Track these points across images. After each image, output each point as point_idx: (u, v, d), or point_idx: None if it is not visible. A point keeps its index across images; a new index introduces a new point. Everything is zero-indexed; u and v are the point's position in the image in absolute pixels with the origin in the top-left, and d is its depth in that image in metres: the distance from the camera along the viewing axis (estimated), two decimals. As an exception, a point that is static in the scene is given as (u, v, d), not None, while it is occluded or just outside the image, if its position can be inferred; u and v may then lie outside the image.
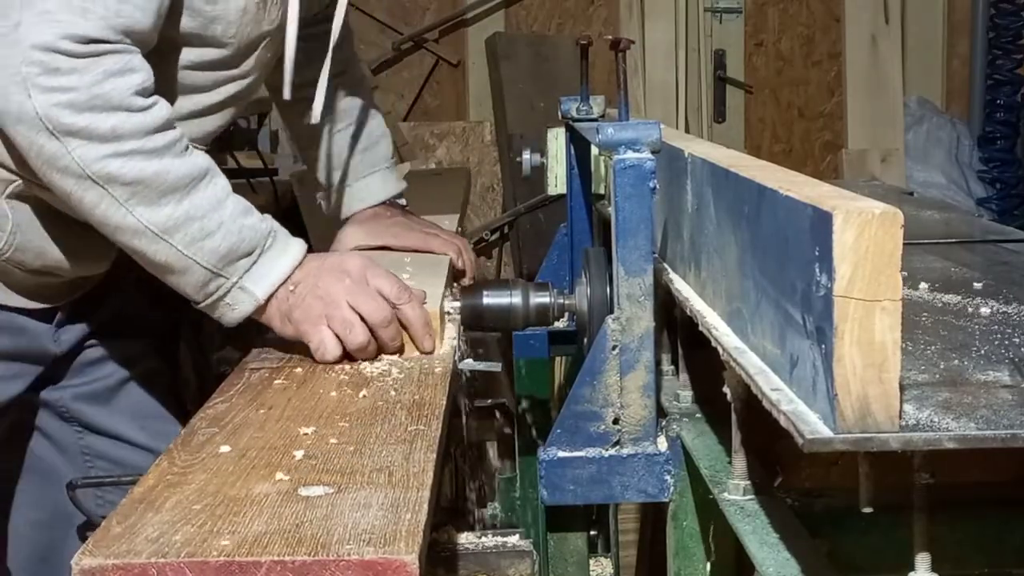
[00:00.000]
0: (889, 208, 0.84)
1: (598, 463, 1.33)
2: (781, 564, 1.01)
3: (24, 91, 1.36)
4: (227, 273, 1.46)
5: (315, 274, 1.51)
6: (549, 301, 1.59)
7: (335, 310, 1.48)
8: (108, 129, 1.38)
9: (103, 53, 1.38)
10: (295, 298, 1.50)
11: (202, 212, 1.44)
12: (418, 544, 0.96)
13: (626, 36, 1.88)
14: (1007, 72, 4.97)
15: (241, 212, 1.47)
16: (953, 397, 0.94)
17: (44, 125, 1.36)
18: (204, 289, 1.47)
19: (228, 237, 1.45)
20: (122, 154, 1.39)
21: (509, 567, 1.41)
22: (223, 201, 1.46)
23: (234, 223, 1.46)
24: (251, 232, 1.47)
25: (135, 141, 1.40)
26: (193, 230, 1.44)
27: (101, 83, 1.38)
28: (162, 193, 1.42)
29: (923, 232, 1.79)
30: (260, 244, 1.48)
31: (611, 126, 1.29)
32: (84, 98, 1.37)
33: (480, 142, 4.80)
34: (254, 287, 1.48)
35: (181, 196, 1.43)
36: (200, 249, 1.44)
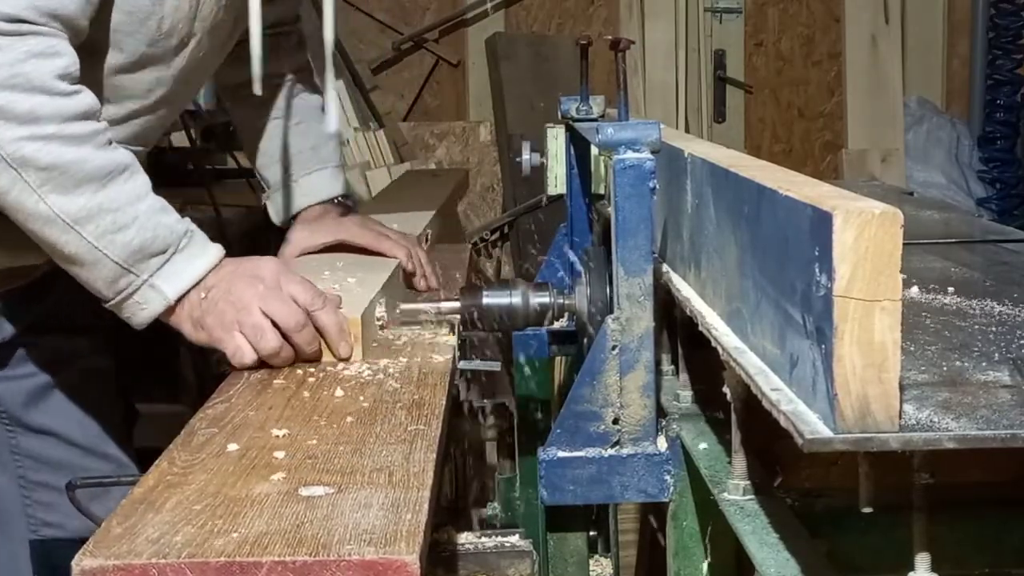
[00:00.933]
0: (889, 208, 0.84)
1: (598, 463, 1.33)
2: (781, 564, 1.02)
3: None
4: (138, 270, 1.43)
5: (228, 279, 1.48)
6: (549, 301, 1.59)
7: (247, 316, 1.45)
8: (26, 110, 1.35)
9: (27, 33, 1.35)
10: (208, 303, 1.47)
11: (117, 205, 1.41)
12: (419, 544, 0.96)
13: (626, 36, 1.88)
14: (1007, 72, 4.97)
15: (158, 210, 1.45)
16: (953, 397, 0.94)
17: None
18: (114, 285, 1.44)
19: (142, 232, 1.42)
20: (39, 137, 1.37)
21: (509, 567, 1.41)
22: (141, 197, 1.44)
23: (149, 219, 1.43)
24: (166, 230, 1.44)
25: (54, 125, 1.37)
26: (106, 222, 1.41)
27: (23, 63, 1.35)
28: (78, 182, 1.39)
29: (923, 232, 1.79)
30: (175, 243, 1.45)
31: (611, 126, 1.29)
32: (3, 76, 1.34)
33: (480, 142, 4.80)
34: (164, 286, 1.45)
35: (97, 187, 1.40)
36: (112, 242, 1.41)
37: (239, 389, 1.41)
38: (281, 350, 1.46)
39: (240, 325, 1.45)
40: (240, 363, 1.45)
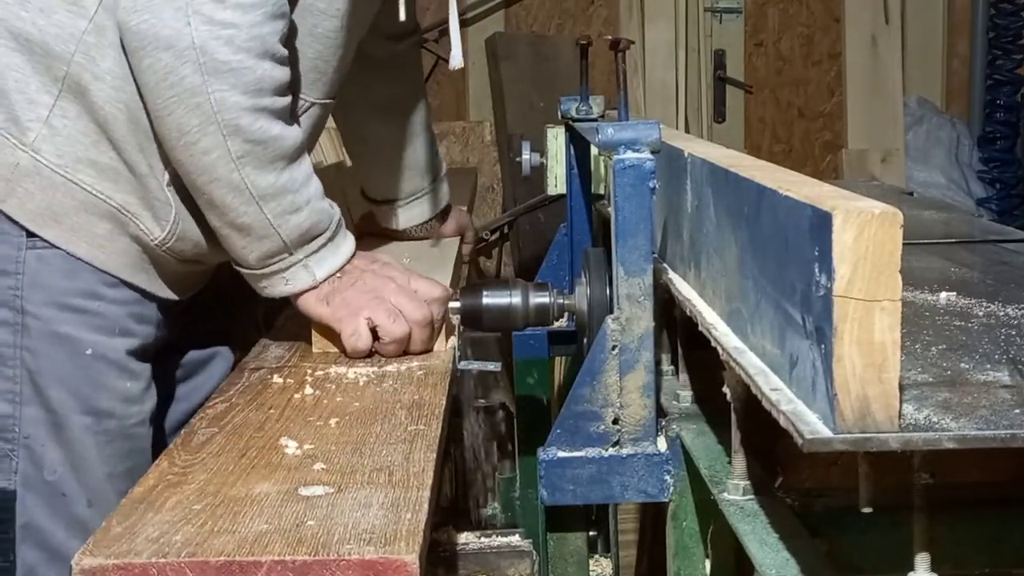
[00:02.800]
0: (889, 208, 0.84)
1: (598, 463, 1.33)
2: (781, 564, 1.02)
3: (184, 18, 1.31)
4: (298, 251, 1.45)
5: (361, 269, 1.51)
6: (549, 301, 1.59)
7: (378, 304, 1.48)
8: (256, 79, 1.34)
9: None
10: (340, 284, 1.49)
11: (296, 186, 1.43)
12: (418, 544, 0.96)
13: (626, 36, 1.89)
14: (1007, 72, 4.97)
15: (318, 194, 1.47)
16: (953, 397, 0.94)
17: (196, 57, 1.31)
18: (269, 259, 1.46)
19: (311, 216, 1.44)
20: (257, 109, 1.36)
21: (509, 567, 1.41)
22: (310, 178, 1.46)
23: (316, 203, 1.45)
24: (326, 216, 1.47)
25: (270, 97, 1.37)
26: (286, 202, 1.42)
27: (261, 24, 1.34)
28: (273, 159, 1.40)
29: (923, 232, 1.79)
30: (331, 229, 1.48)
31: (611, 126, 1.29)
32: (244, 37, 1.32)
33: (480, 142, 4.80)
34: (317, 268, 1.47)
35: (285, 165, 1.41)
36: (286, 222, 1.43)
37: (239, 389, 1.41)
38: (404, 339, 1.49)
39: (371, 311, 1.47)
40: (354, 347, 1.48)
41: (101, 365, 1.48)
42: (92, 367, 1.47)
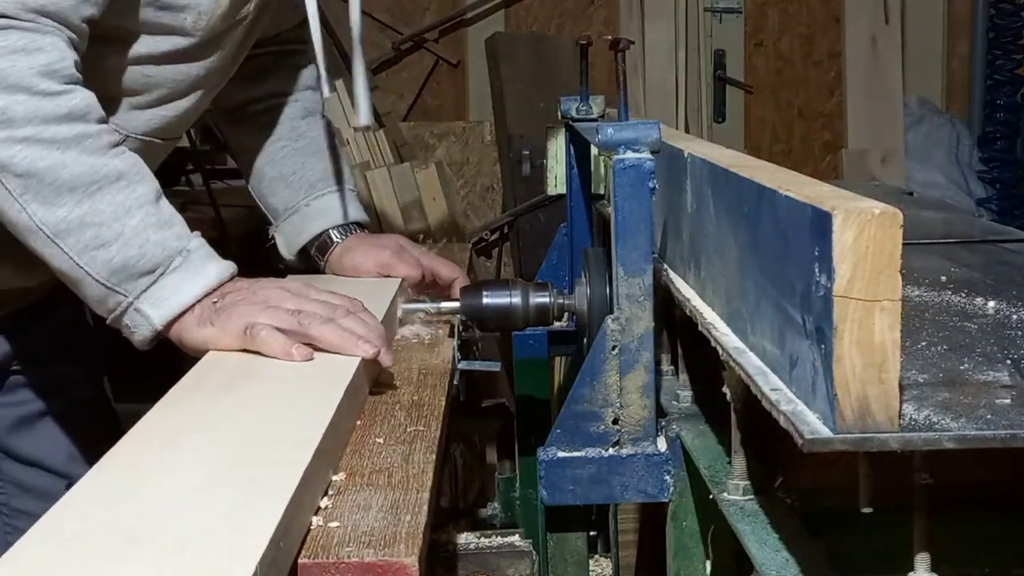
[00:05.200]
0: (889, 208, 0.84)
1: (598, 463, 1.33)
2: (781, 564, 1.01)
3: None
4: (124, 290, 1.34)
5: (249, 285, 1.39)
6: (549, 301, 1.59)
7: (275, 310, 1.35)
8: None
9: (6, 28, 1.27)
10: (224, 305, 1.36)
11: (101, 219, 1.31)
12: (418, 546, 0.96)
13: (626, 36, 1.88)
14: (1007, 72, 4.97)
15: (153, 225, 1.34)
16: (953, 397, 0.94)
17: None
18: (103, 305, 1.36)
19: (125, 250, 1.32)
20: (15, 140, 1.27)
21: (509, 567, 1.40)
22: (132, 210, 1.33)
23: (137, 236, 1.33)
24: (156, 248, 1.34)
25: (31, 127, 1.28)
26: (87, 237, 1.31)
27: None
28: (58, 191, 1.30)
29: (923, 232, 1.78)
30: (164, 263, 1.34)
31: (611, 126, 1.29)
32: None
33: (480, 142, 4.80)
34: (151, 311, 1.35)
35: (80, 198, 1.30)
36: (92, 259, 1.32)
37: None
38: (322, 335, 1.34)
39: (266, 318, 1.34)
40: (270, 344, 1.33)
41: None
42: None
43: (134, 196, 1.34)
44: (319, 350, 1.34)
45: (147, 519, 0.90)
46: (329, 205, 1.81)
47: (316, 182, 1.81)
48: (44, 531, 0.88)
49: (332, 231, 1.80)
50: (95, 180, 1.32)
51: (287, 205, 1.82)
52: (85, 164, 1.32)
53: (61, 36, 1.32)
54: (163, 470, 1.01)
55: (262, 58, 1.79)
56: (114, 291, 1.34)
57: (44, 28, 1.31)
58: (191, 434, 1.11)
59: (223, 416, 1.16)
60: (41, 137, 1.29)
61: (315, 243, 1.81)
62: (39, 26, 1.30)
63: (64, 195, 1.31)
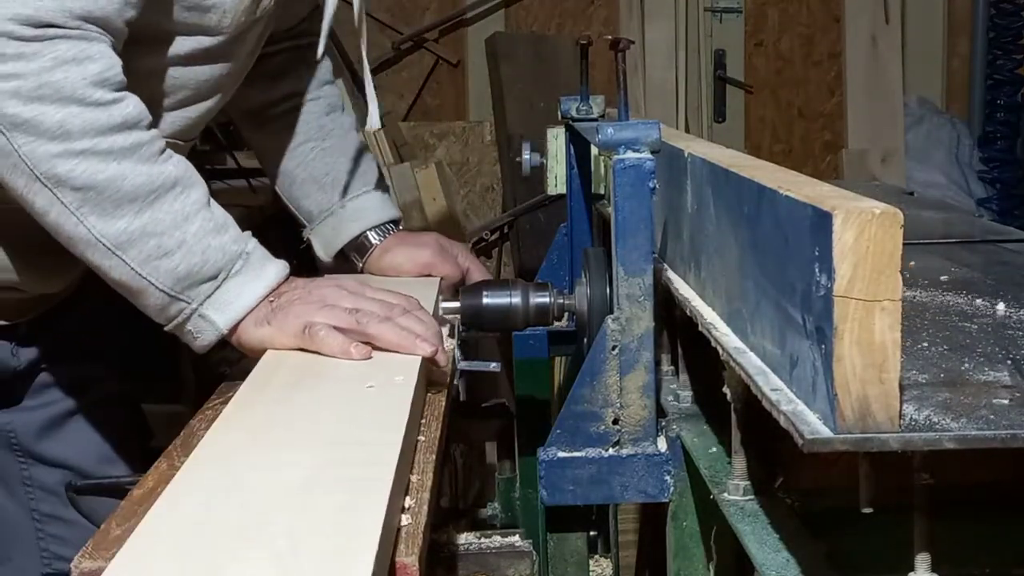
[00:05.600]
0: (889, 208, 0.84)
1: (598, 463, 1.33)
2: (781, 564, 1.01)
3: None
4: (187, 297, 1.33)
5: (305, 285, 1.39)
6: (549, 301, 1.59)
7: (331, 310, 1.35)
8: (55, 124, 1.25)
9: (55, 38, 1.24)
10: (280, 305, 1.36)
11: (162, 228, 1.30)
12: (418, 546, 0.96)
13: (626, 36, 1.88)
14: (1007, 72, 4.97)
15: (211, 230, 1.34)
16: (953, 397, 0.94)
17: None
18: (164, 313, 1.35)
19: (188, 257, 1.32)
20: (73, 154, 1.26)
21: (509, 567, 1.40)
22: (190, 217, 1.32)
23: (199, 242, 1.32)
24: (217, 253, 1.34)
25: (88, 139, 1.27)
26: (149, 247, 1.30)
27: (51, 71, 1.24)
28: (117, 203, 1.28)
29: (923, 232, 1.78)
30: (226, 267, 1.34)
31: (611, 126, 1.29)
32: (31, 86, 1.23)
33: (480, 142, 4.80)
34: (216, 315, 1.35)
35: (140, 208, 1.29)
36: (156, 269, 1.31)
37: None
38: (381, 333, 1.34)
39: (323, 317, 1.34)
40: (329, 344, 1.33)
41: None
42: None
43: (190, 202, 1.33)
44: (377, 349, 1.35)
45: (254, 518, 0.90)
46: (365, 206, 1.80)
47: (350, 183, 1.80)
48: (151, 530, 0.88)
49: (370, 232, 1.80)
50: (153, 189, 1.31)
51: (321, 208, 1.80)
52: (143, 173, 1.30)
53: (107, 42, 1.31)
54: (257, 469, 1.01)
55: (278, 56, 1.77)
56: (177, 299, 1.34)
57: (91, 35, 1.28)
58: (274, 433, 1.11)
59: (300, 416, 1.16)
60: (98, 149, 1.28)
61: (353, 245, 1.81)
62: (86, 33, 1.28)
63: (124, 206, 1.29)
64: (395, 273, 1.77)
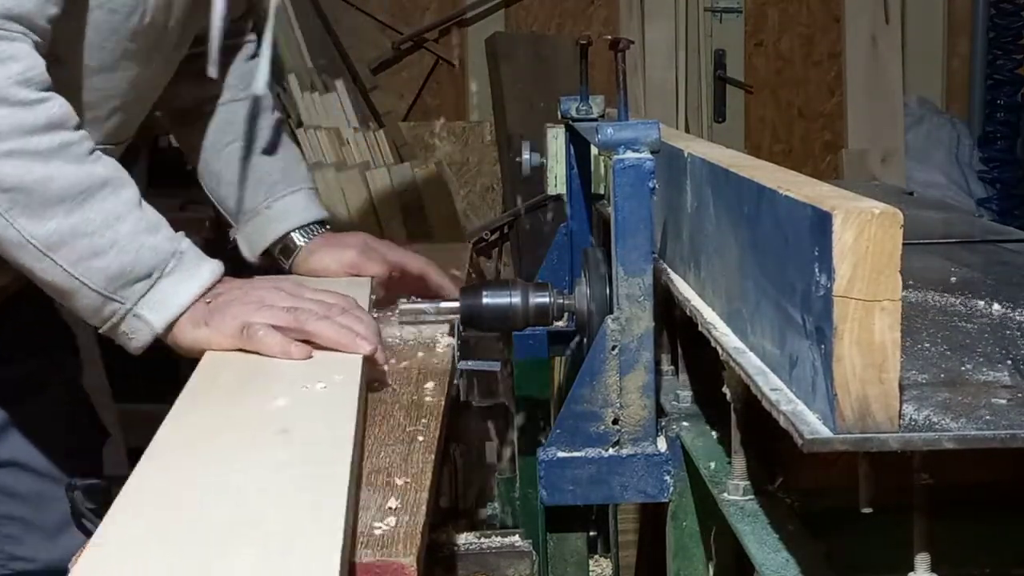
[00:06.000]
0: (889, 208, 0.84)
1: (598, 463, 1.33)
2: (781, 564, 1.01)
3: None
4: (121, 297, 1.32)
5: (241, 286, 1.38)
6: (549, 301, 1.59)
7: (269, 308, 1.33)
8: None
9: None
10: (217, 305, 1.34)
11: (93, 228, 1.29)
12: (416, 546, 0.96)
13: (626, 36, 1.88)
14: (1007, 72, 4.97)
15: (143, 230, 1.33)
16: (953, 397, 0.94)
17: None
18: (99, 314, 1.34)
19: (121, 256, 1.30)
20: (1, 154, 1.25)
21: (509, 567, 1.40)
22: (122, 216, 1.31)
23: (131, 242, 1.31)
24: (150, 253, 1.32)
25: (15, 140, 1.25)
26: (81, 247, 1.29)
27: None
28: (47, 203, 1.27)
29: (923, 232, 1.78)
30: (160, 266, 1.33)
31: (610, 126, 1.29)
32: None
33: (480, 142, 4.80)
34: (151, 315, 1.34)
35: (70, 208, 1.28)
36: (88, 269, 1.30)
37: (238, 389, 1.40)
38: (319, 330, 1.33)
39: (261, 317, 1.33)
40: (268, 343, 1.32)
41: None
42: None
43: (121, 201, 1.33)
44: (317, 348, 1.34)
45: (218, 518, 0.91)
46: (289, 207, 1.78)
47: (274, 184, 1.77)
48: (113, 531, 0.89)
49: (294, 233, 1.77)
50: (83, 189, 1.30)
51: (246, 208, 1.78)
52: (71, 174, 1.29)
53: (29, 42, 1.29)
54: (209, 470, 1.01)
55: None
56: (111, 299, 1.33)
57: (12, 35, 1.27)
58: (224, 434, 1.11)
59: (248, 415, 1.16)
60: (26, 149, 1.26)
61: (278, 246, 1.79)
62: (8, 33, 1.27)
63: (53, 206, 1.28)
64: (323, 274, 1.75)
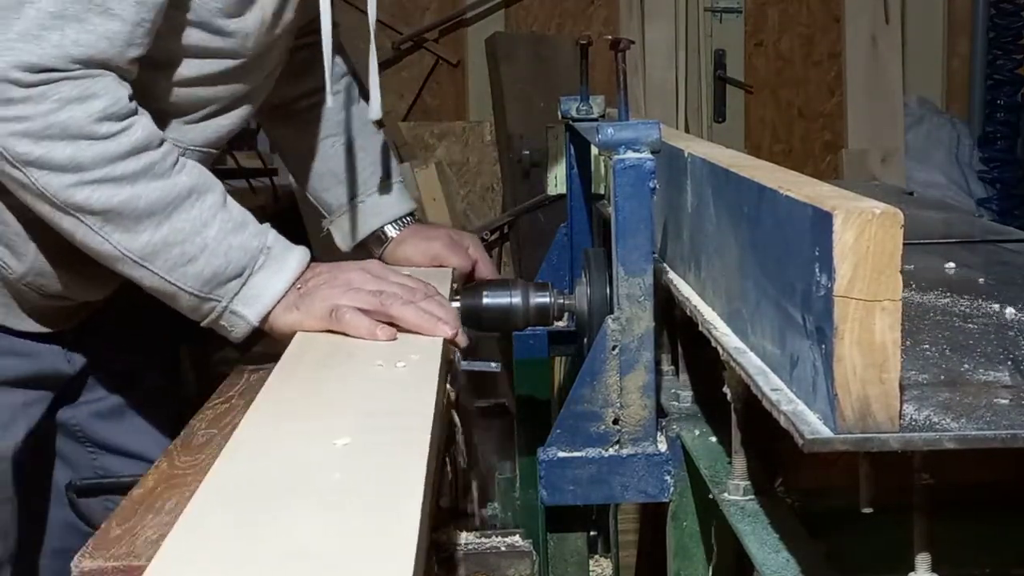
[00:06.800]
0: (889, 208, 0.84)
1: (598, 463, 1.33)
2: (781, 564, 1.01)
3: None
4: (217, 296, 1.41)
5: (329, 270, 1.45)
6: (549, 301, 1.59)
7: (356, 293, 1.41)
8: (66, 159, 1.33)
9: (58, 80, 1.32)
10: (308, 290, 1.43)
11: (183, 236, 1.38)
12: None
13: (626, 36, 1.88)
14: (1007, 72, 4.97)
15: (230, 231, 1.41)
16: (953, 397, 0.94)
17: (3, 155, 1.32)
18: (198, 312, 1.43)
19: (212, 260, 1.39)
20: (87, 183, 1.34)
21: (509, 567, 1.40)
22: (208, 222, 1.40)
23: (220, 244, 1.40)
24: (239, 252, 1.41)
25: (99, 170, 1.34)
26: (173, 255, 1.38)
27: (57, 112, 1.32)
28: (137, 219, 1.36)
29: (923, 232, 1.78)
30: (250, 264, 1.42)
31: (611, 126, 1.29)
32: (39, 127, 1.31)
33: (480, 142, 4.80)
34: (245, 310, 1.42)
35: (160, 220, 1.37)
36: (183, 275, 1.39)
37: (239, 390, 1.41)
38: (404, 314, 1.40)
39: (348, 300, 1.40)
40: (351, 321, 1.39)
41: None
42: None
43: (207, 207, 1.40)
44: (401, 331, 1.40)
45: (302, 478, 0.94)
46: (383, 201, 1.88)
47: (368, 178, 1.87)
48: (210, 490, 0.91)
49: (387, 226, 1.89)
50: (169, 202, 1.38)
51: (341, 201, 1.88)
52: (157, 189, 1.37)
53: (111, 76, 1.37)
54: (300, 440, 1.04)
55: (300, 53, 1.81)
56: (208, 299, 1.41)
57: (92, 73, 1.35)
58: (313, 407, 1.14)
59: (335, 390, 1.20)
60: (111, 176, 1.35)
61: (371, 237, 1.89)
62: (88, 72, 1.34)
63: (143, 221, 1.37)
64: (407, 264, 1.84)
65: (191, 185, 1.40)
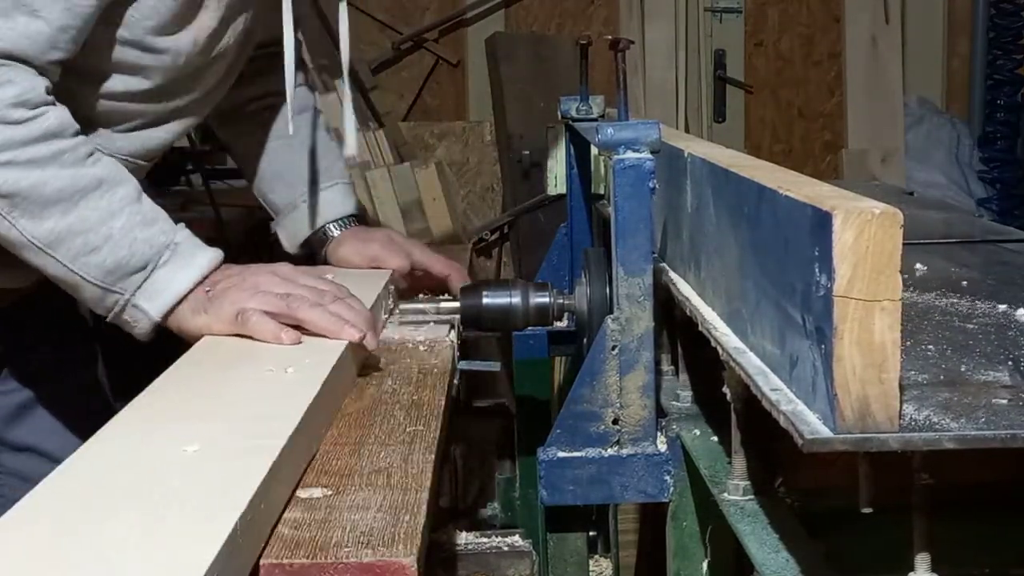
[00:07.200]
0: (889, 208, 0.84)
1: (598, 463, 1.33)
2: (781, 564, 1.01)
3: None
4: (119, 289, 1.41)
5: (239, 273, 1.44)
6: (549, 301, 1.59)
7: (265, 294, 1.39)
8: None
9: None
10: (216, 293, 1.41)
11: (88, 226, 1.38)
12: (417, 546, 0.96)
13: (626, 36, 1.88)
14: (1007, 72, 4.96)
15: (138, 224, 1.41)
16: (953, 397, 0.94)
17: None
18: (101, 304, 1.42)
19: (115, 251, 1.39)
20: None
21: (509, 567, 1.40)
22: (116, 214, 1.40)
23: (125, 236, 1.40)
24: (144, 246, 1.40)
25: (9, 152, 1.35)
26: (77, 244, 1.38)
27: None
28: (43, 205, 1.36)
29: (923, 232, 1.78)
30: (154, 258, 1.41)
31: (611, 126, 1.29)
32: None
33: (480, 142, 4.80)
34: (147, 304, 1.42)
35: (66, 208, 1.37)
36: (86, 264, 1.39)
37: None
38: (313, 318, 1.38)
39: (256, 303, 1.39)
40: (260, 329, 1.38)
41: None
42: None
43: (116, 199, 1.40)
44: (309, 334, 1.39)
45: (139, 484, 0.96)
46: (325, 200, 1.87)
47: (312, 178, 1.86)
48: (43, 493, 0.93)
49: (329, 226, 1.87)
50: (77, 190, 1.38)
51: (286, 202, 1.88)
52: (65, 177, 1.38)
53: (30, 69, 1.38)
54: (154, 443, 1.06)
55: (256, 61, 1.82)
56: (110, 291, 1.41)
57: (11, 64, 1.36)
58: (181, 412, 1.16)
59: (212, 396, 1.21)
60: (19, 160, 1.36)
61: (313, 237, 1.88)
62: (5, 62, 1.36)
63: (50, 208, 1.37)
64: (347, 265, 1.83)
65: (102, 176, 1.40)
